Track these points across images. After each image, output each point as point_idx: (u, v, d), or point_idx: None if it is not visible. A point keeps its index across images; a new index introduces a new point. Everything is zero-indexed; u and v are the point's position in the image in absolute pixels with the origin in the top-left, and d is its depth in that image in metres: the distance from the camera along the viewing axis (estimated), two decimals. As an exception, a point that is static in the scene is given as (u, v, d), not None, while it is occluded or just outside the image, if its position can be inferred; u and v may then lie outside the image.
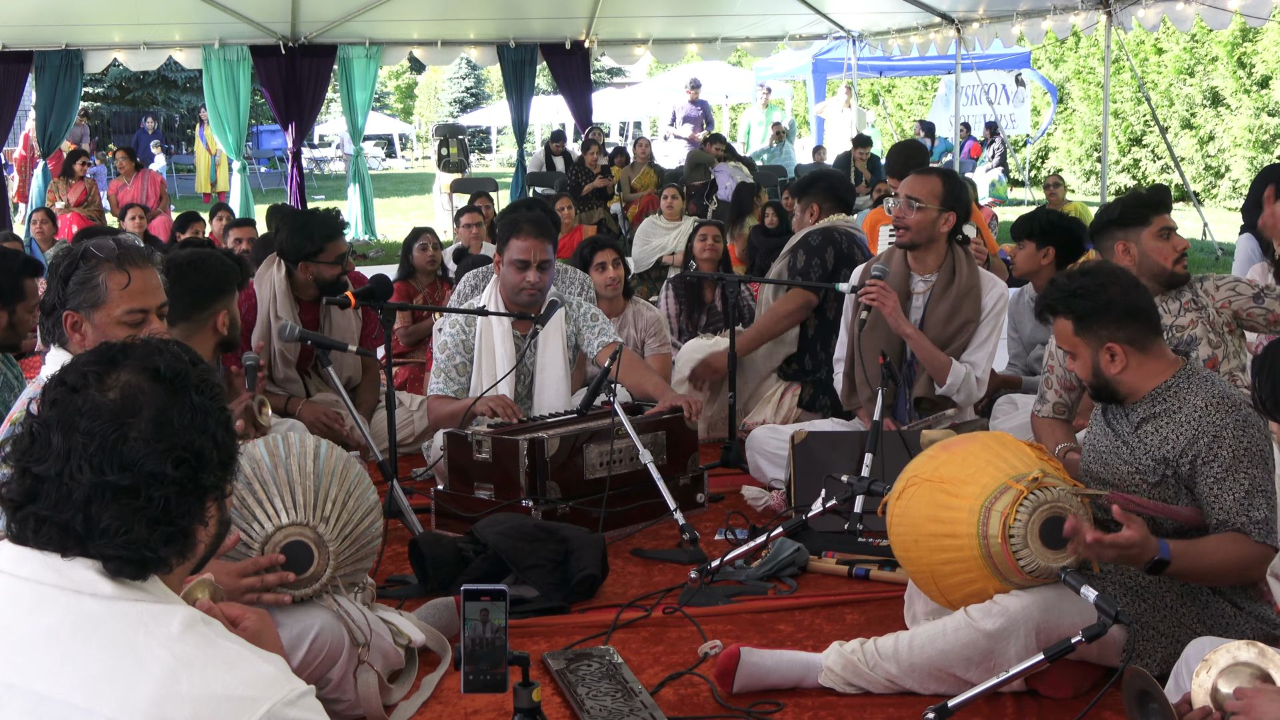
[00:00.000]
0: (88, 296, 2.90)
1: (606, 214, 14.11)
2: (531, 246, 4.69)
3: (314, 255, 5.01)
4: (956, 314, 4.56)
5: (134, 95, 33.76)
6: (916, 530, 3.03)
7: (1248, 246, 7.98)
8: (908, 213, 4.57)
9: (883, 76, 22.91)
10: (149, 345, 1.65)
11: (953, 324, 4.56)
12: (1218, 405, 2.93)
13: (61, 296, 2.91)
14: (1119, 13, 11.65)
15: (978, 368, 4.58)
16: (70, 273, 2.91)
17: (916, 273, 4.67)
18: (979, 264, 4.80)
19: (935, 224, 4.57)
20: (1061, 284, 3.10)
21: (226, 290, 3.96)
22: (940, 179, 4.62)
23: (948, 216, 4.58)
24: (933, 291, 4.62)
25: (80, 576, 1.53)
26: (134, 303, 2.91)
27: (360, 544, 2.92)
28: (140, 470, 1.54)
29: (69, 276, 2.91)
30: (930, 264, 4.64)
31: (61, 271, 2.92)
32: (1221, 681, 2.22)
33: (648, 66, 30.31)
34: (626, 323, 5.99)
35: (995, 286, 4.66)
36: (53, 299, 2.94)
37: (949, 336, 4.57)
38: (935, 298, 4.60)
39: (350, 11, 13.21)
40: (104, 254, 2.91)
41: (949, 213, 4.57)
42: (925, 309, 4.62)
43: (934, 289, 4.62)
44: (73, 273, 2.91)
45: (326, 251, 5.02)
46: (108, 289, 2.89)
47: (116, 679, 1.46)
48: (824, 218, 5.58)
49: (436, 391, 4.80)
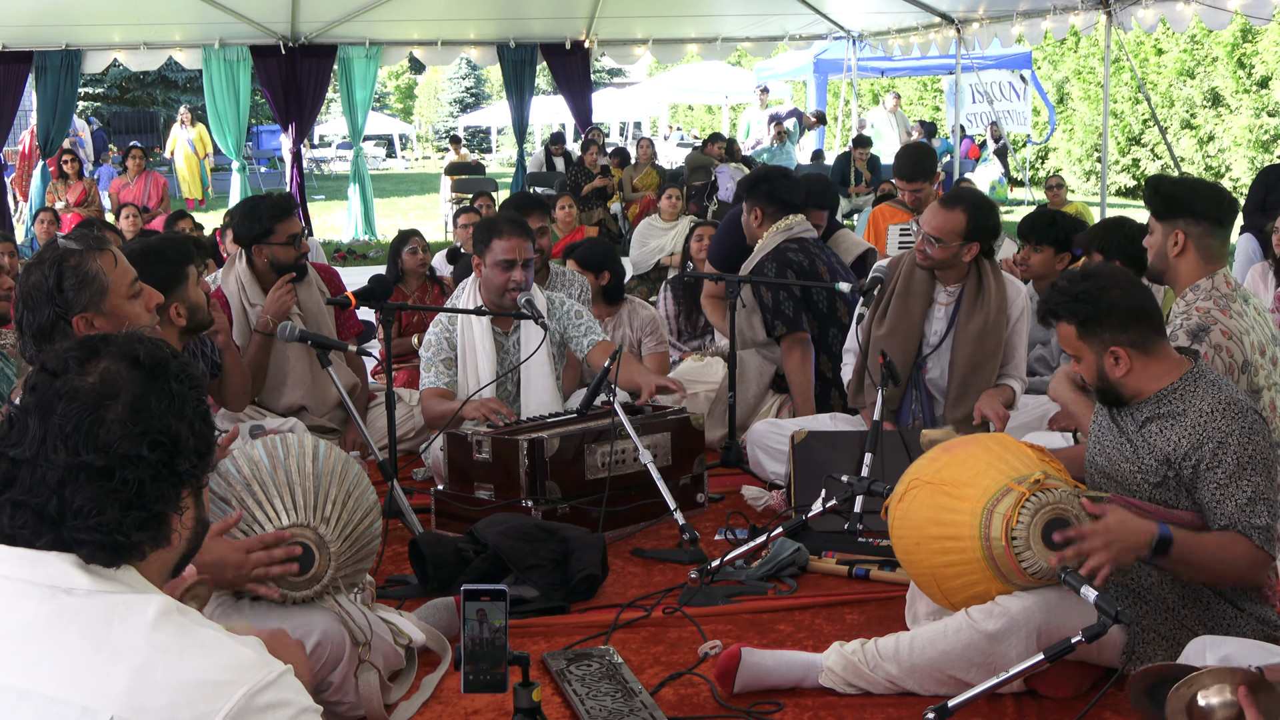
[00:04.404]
0: (93, 291, 2.90)
1: (606, 214, 14.11)
2: (515, 245, 4.71)
3: (265, 237, 5.01)
4: (990, 332, 4.55)
5: (134, 95, 33.74)
6: (918, 532, 3.03)
7: (1248, 246, 8.00)
8: (929, 246, 4.54)
9: (883, 77, 22.91)
10: (130, 336, 1.66)
11: (986, 341, 4.55)
12: (1224, 411, 2.92)
13: (61, 307, 2.91)
14: (1119, 13, 11.65)
15: (1019, 373, 4.68)
16: (60, 281, 2.91)
17: (941, 283, 4.65)
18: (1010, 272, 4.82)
19: (957, 256, 4.55)
20: (1063, 288, 3.08)
21: (177, 280, 3.85)
22: (965, 214, 4.51)
23: (970, 248, 4.54)
24: (960, 304, 4.60)
25: (55, 571, 1.53)
26: (128, 274, 2.98)
27: (361, 544, 2.91)
28: (114, 452, 1.55)
29: (60, 285, 2.91)
30: (954, 276, 4.62)
31: (50, 285, 2.91)
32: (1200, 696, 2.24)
33: (648, 66, 30.32)
34: (622, 322, 5.99)
35: (1019, 295, 4.66)
36: (49, 315, 2.91)
37: (983, 354, 4.56)
38: (964, 311, 4.57)
39: (350, 11, 13.20)
40: (82, 245, 2.94)
41: (972, 244, 4.54)
42: (952, 321, 4.60)
43: (961, 301, 4.60)
44: (62, 280, 2.91)
45: (277, 232, 5.02)
46: (105, 273, 2.92)
47: (93, 670, 1.46)
48: (768, 223, 5.38)
49: (429, 384, 4.84)
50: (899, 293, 4.66)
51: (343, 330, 5.34)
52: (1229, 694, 2.18)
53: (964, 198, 4.65)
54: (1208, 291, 3.50)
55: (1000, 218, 4.81)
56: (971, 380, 4.56)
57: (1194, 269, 3.55)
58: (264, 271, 5.10)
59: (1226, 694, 2.19)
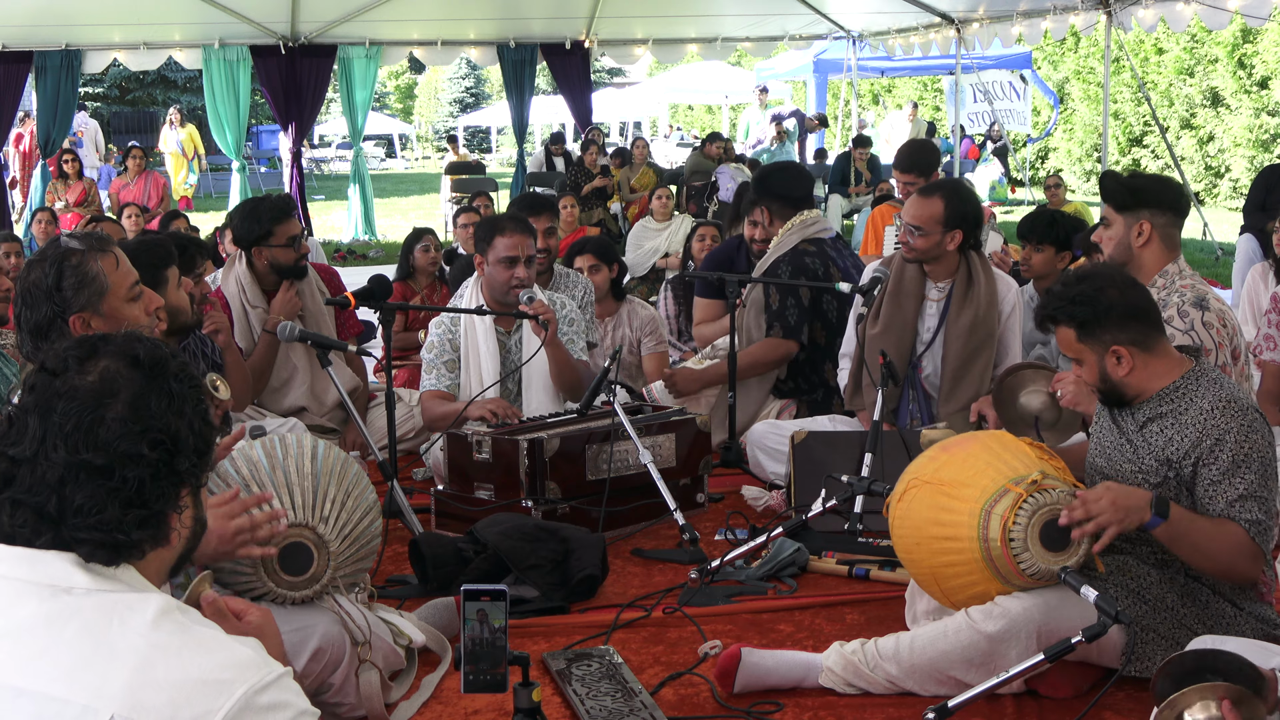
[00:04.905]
0: (91, 291, 2.90)
1: (606, 214, 14.11)
2: (518, 242, 4.70)
3: (265, 239, 5.03)
4: (980, 325, 4.55)
5: (134, 95, 33.75)
6: (918, 533, 3.03)
7: (1248, 246, 8.00)
8: (911, 238, 4.55)
9: (883, 77, 22.92)
10: (129, 335, 1.66)
11: (977, 335, 4.56)
12: (1224, 409, 2.92)
13: (59, 306, 2.90)
14: (1119, 13, 11.65)
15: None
16: (60, 280, 2.90)
17: (931, 279, 4.66)
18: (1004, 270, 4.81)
19: (940, 245, 4.55)
20: (1059, 292, 3.07)
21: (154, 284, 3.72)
22: (941, 199, 4.53)
23: (953, 235, 4.54)
24: (950, 299, 4.60)
25: (54, 569, 1.53)
26: (129, 276, 2.97)
27: (360, 544, 2.91)
28: (115, 450, 1.55)
29: (59, 284, 2.90)
30: (944, 272, 4.63)
31: (50, 284, 2.91)
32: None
33: (648, 66, 30.32)
34: (622, 322, 5.98)
35: (1010, 290, 4.67)
36: (46, 313, 2.91)
37: (974, 348, 4.56)
38: (955, 306, 4.58)
39: (350, 11, 13.20)
40: (84, 246, 2.93)
41: (954, 231, 4.53)
42: (943, 316, 4.61)
43: (951, 296, 4.60)
44: (62, 279, 2.90)
45: (276, 234, 5.03)
46: (106, 274, 2.92)
47: (92, 668, 1.46)
48: (779, 221, 5.35)
49: (430, 387, 4.82)
50: (891, 291, 4.68)
51: (343, 330, 5.34)
52: (1214, 709, 2.18)
53: (941, 186, 4.70)
54: (1179, 274, 3.67)
55: (980, 205, 4.84)
56: (964, 374, 4.57)
57: (1158, 258, 3.70)
58: (264, 273, 5.11)
59: (1212, 709, 2.18)
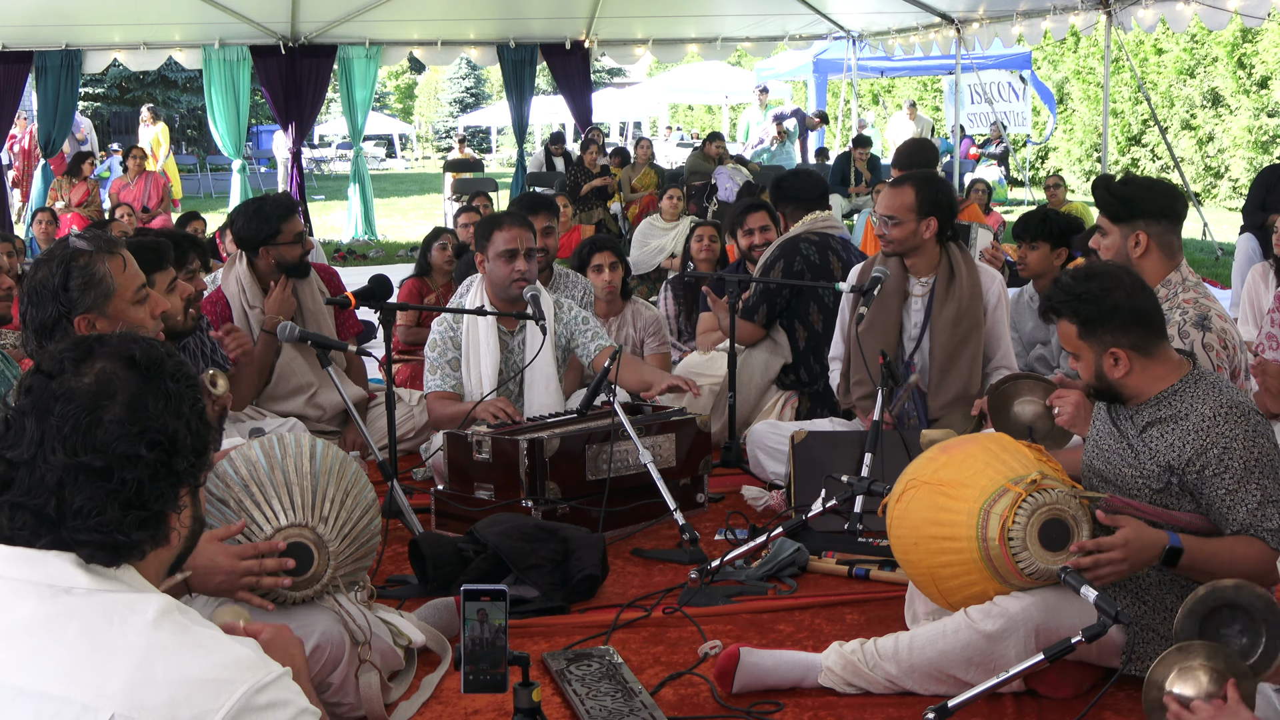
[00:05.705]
0: (98, 293, 2.90)
1: (606, 214, 14.11)
2: (516, 235, 4.71)
3: (272, 238, 5.06)
4: (964, 316, 4.58)
5: (134, 95, 33.74)
6: (916, 533, 3.03)
7: (1248, 246, 8.01)
8: (887, 228, 4.62)
9: (883, 77, 22.92)
10: (125, 336, 1.67)
11: (961, 326, 4.58)
12: (1227, 415, 2.90)
13: (64, 306, 2.90)
14: (1119, 13, 11.66)
15: (1008, 362, 4.70)
16: (66, 280, 2.90)
17: (914, 275, 4.69)
18: (996, 269, 4.82)
19: (916, 233, 4.59)
20: (1066, 285, 3.06)
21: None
22: (912, 188, 4.59)
23: (928, 223, 4.58)
24: (934, 293, 4.63)
25: (54, 570, 1.54)
26: (136, 279, 2.97)
27: (360, 543, 2.91)
28: (113, 451, 1.55)
29: (66, 284, 2.90)
30: (925, 266, 4.66)
31: (56, 284, 2.90)
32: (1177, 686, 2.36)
33: (648, 66, 30.33)
34: (625, 322, 5.99)
35: (994, 281, 4.71)
36: (52, 313, 2.91)
37: (959, 339, 4.58)
38: (938, 299, 4.61)
39: (350, 11, 13.21)
40: (93, 246, 2.93)
41: (928, 219, 4.57)
42: (928, 311, 4.62)
43: (934, 290, 4.63)
44: (69, 279, 2.90)
45: (283, 232, 5.06)
46: (113, 276, 2.92)
47: (92, 667, 1.47)
48: (790, 222, 5.57)
49: (434, 388, 4.81)
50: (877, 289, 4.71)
51: (343, 330, 5.35)
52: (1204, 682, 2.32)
53: (911, 175, 4.79)
54: (1182, 284, 3.59)
55: (954, 193, 4.92)
56: (950, 366, 4.59)
57: (1158, 267, 3.59)
58: (266, 273, 5.12)
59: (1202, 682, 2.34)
